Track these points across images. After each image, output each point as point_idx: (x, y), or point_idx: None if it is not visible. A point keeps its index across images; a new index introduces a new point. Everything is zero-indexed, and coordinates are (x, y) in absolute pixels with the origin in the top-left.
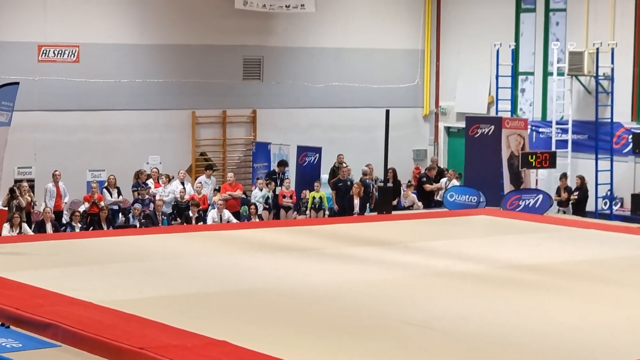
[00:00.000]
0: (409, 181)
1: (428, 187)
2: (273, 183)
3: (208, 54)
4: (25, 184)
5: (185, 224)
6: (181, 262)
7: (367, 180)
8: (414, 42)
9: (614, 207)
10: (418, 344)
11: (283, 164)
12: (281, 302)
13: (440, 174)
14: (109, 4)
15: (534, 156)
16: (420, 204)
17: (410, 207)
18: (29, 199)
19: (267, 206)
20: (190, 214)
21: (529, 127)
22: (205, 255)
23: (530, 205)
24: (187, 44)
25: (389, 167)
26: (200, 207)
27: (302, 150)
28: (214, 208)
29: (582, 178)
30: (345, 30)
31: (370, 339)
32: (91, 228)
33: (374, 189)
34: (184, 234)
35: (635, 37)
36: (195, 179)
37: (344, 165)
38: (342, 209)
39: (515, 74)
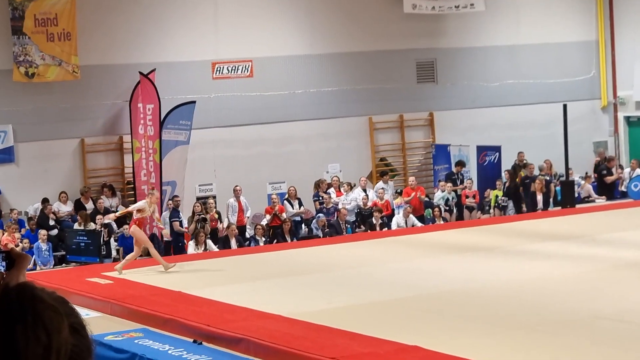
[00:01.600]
0: (587, 173)
1: (609, 178)
2: (451, 184)
3: (380, 60)
4: (211, 200)
5: (369, 231)
6: (367, 269)
7: (546, 176)
8: (588, 33)
9: None
10: (610, 338)
11: (461, 164)
12: (470, 304)
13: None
14: (279, 17)
15: None
16: (596, 195)
17: (587, 199)
18: (215, 215)
19: (448, 207)
20: (374, 221)
21: None
22: (391, 262)
23: None
24: (359, 50)
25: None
26: (384, 213)
27: (482, 150)
28: (399, 213)
29: None
30: (517, 26)
31: (561, 335)
32: (275, 241)
33: (553, 185)
34: (368, 241)
35: None
36: (386, 184)
37: (525, 162)
38: (528, 206)
39: None
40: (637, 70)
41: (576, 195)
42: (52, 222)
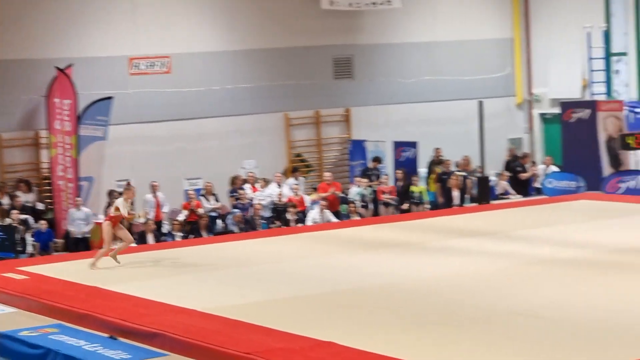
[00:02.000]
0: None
1: (523, 175)
2: (367, 179)
3: (297, 56)
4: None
5: (284, 226)
6: (282, 265)
7: (463, 172)
8: (503, 31)
9: None
10: (525, 333)
11: (377, 160)
12: (386, 300)
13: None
14: (196, 14)
15: (632, 137)
16: (512, 192)
17: (501, 196)
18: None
19: (364, 203)
20: (289, 217)
21: (625, 108)
22: (306, 257)
23: (632, 187)
24: (276, 47)
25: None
26: (299, 209)
27: (398, 146)
28: (314, 209)
29: None
30: (433, 23)
31: (477, 330)
32: (191, 236)
33: (470, 181)
34: (283, 237)
35: None
36: (296, 180)
37: (442, 157)
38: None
39: (608, 55)
40: (552, 68)
41: (494, 191)
42: None
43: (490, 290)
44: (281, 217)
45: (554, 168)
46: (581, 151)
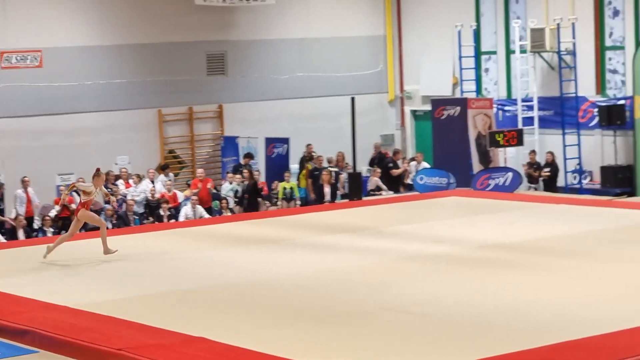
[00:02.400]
0: (374, 166)
1: (395, 171)
2: (239, 176)
3: (171, 52)
4: None
5: (157, 222)
6: (155, 261)
7: (334, 168)
8: (376, 28)
9: (583, 181)
10: (396, 329)
11: (249, 156)
12: (257, 295)
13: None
14: (69, 8)
15: (501, 135)
16: (385, 188)
17: (374, 192)
18: None
19: (237, 199)
20: (162, 212)
21: (495, 106)
22: (178, 253)
23: (501, 183)
24: (149, 42)
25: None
26: (171, 205)
27: (270, 142)
28: (186, 205)
29: (552, 154)
30: (307, 20)
31: (348, 327)
32: (63, 232)
33: (342, 177)
34: (156, 233)
35: (595, 10)
36: (167, 177)
37: (314, 154)
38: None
39: (478, 54)
40: (424, 65)
41: (366, 188)
42: None
43: (362, 286)
44: (154, 213)
45: (425, 164)
46: (451, 148)
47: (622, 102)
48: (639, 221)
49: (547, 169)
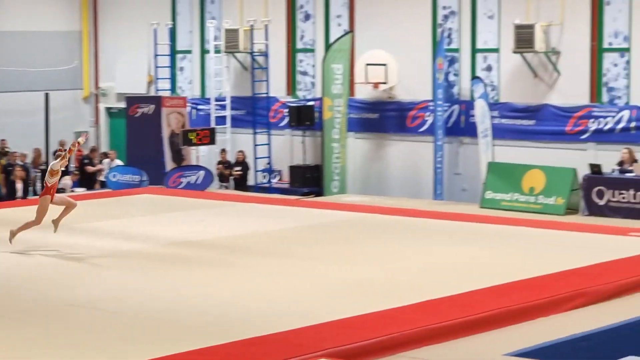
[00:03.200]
0: (75, 168)
1: (90, 169)
2: None
3: None
4: None
5: None
6: None
7: (27, 164)
8: (72, 24)
9: (273, 180)
10: (81, 325)
11: None
12: None
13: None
14: None
15: (194, 133)
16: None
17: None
18: None
19: None
20: None
21: (189, 104)
22: None
23: (193, 182)
24: None
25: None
26: None
27: None
28: None
29: (243, 153)
30: (1, 13)
31: (31, 323)
32: None
33: (34, 174)
34: None
35: (287, 13)
36: None
37: (8, 149)
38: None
39: (173, 52)
40: (119, 62)
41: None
42: None
43: (50, 282)
44: None
45: (119, 162)
46: (145, 146)
47: (311, 103)
48: (325, 220)
49: (238, 168)
